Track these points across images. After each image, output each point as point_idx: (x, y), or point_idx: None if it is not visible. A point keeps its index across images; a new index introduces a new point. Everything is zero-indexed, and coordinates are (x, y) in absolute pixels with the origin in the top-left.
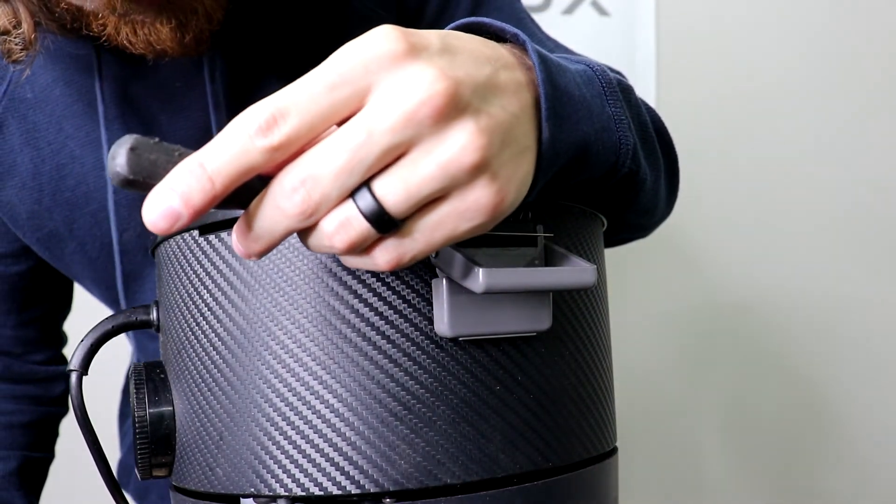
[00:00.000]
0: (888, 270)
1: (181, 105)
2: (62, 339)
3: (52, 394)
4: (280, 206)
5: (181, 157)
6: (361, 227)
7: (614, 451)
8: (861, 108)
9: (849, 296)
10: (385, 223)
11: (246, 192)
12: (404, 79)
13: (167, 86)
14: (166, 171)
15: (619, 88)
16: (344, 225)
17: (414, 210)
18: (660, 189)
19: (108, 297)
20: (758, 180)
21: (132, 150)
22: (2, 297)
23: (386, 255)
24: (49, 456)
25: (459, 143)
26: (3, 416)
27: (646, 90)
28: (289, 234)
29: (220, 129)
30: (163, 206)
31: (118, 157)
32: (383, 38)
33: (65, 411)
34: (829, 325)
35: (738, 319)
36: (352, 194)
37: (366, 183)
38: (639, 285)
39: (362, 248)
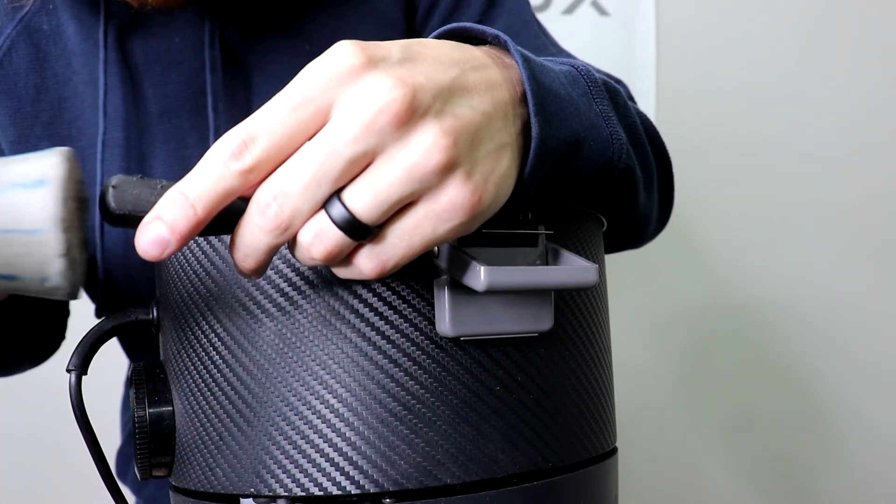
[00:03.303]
0: (890, 271)
1: (177, 60)
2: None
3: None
4: (257, 222)
5: (164, 189)
6: (335, 236)
7: (614, 451)
8: (863, 105)
9: (850, 297)
10: (358, 230)
11: (231, 214)
12: (362, 90)
13: (167, 40)
14: (151, 203)
15: (604, 88)
16: (318, 235)
17: (387, 216)
18: (653, 193)
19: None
20: (758, 180)
21: (115, 187)
22: None
23: (369, 263)
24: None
25: (423, 146)
26: None
27: (646, 90)
28: (272, 249)
29: (214, 92)
30: (151, 235)
31: (105, 196)
32: (341, 54)
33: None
34: (830, 326)
35: (738, 320)
36: (324, 205)
37: (336, 193)
38: (638, 286)
39: (341, 256)
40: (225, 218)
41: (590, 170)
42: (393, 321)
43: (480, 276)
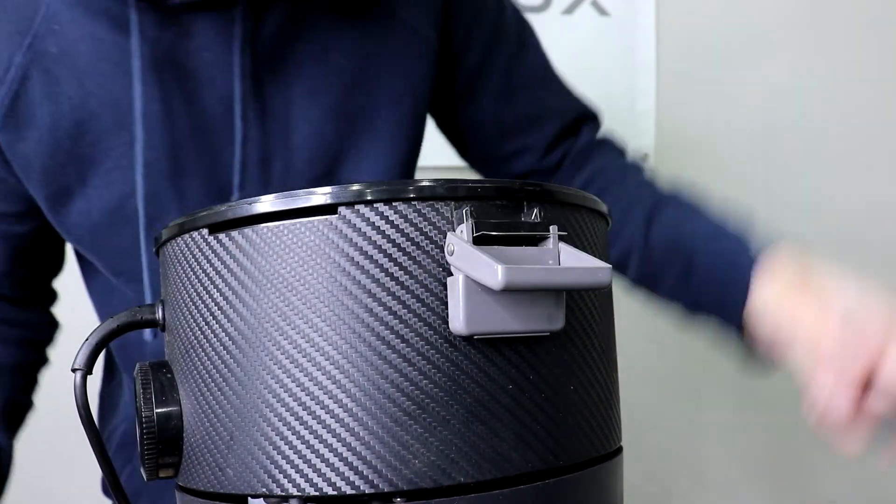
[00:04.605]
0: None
1: (209, 75)
2: (54, 296)
3: (45, 336)
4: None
5: None
6: None
7: (620, 449)
8: (865, 105)
9: None
10: None
11: None
12: None
13: (198, 55)
14: None
15: None
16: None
17: None
18: None
19: (111, 265)
20: (758, 179)
21: None
22: (2, 256)
23: None
24: (29, 403)
25: None
26: None
27: (646, 90)
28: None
29: (243, 99)
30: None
31: None
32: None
33: (46, 361)
34: None
35: None
36: None
37: None
38: None
39: None
40: None
41: None
42: (407, 320)
43: (498, 274)
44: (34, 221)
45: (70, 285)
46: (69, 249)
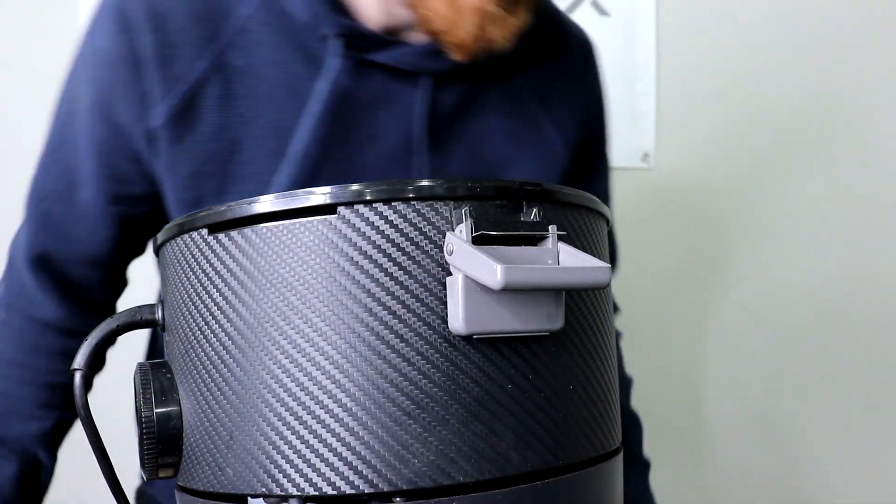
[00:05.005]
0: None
1: (382, 128)
2: (125, 283)
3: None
4: None
5: None
6: None
7: (620, 449)
8: (867, 104)
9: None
10: None
11: None
12: None
13: (376, 110)
14: None
15: None
16: None
17: None
18: None
19: None
20: (758, 179)
21: None
22: (109, 237)
23: None
24: (73, 419)
25: None
26: (51, 374)
27: (646, 90)
28: None
29: (418, 157)
30: None
31: None
32: None
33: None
34: (831, 326)
35: (742, 319)
36: None
37: None
38: (641, 284)
39: None
40: None
41: None
42: (406, 320)
43: (497, 274)
44: (151, 207)
45: None
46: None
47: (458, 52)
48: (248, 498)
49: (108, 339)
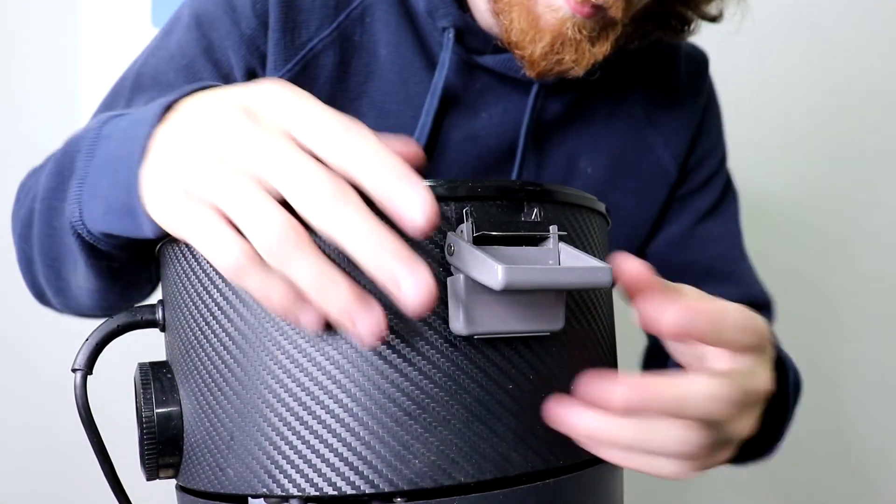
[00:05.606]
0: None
1: (490, 128)
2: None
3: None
4: None
5: None
6: None
7: None
8: (870, 101)
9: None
10: None
11: None
12: None
13: (484, 111)
14: None
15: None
16: None
17: None
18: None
19: None
20: (757, 181)
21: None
22: None
23: None
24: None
25: None
26: None
27: None
28: None
29: (523, 158)
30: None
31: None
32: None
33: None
34: (832, 325)
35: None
36: None
37: None
38: None
39: None
40: None
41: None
42: (407, 320)
43: (498, 274)
44: None
45: None
46: None
47: (528, 68)
48: (249, 498)
49: (108, 339)
